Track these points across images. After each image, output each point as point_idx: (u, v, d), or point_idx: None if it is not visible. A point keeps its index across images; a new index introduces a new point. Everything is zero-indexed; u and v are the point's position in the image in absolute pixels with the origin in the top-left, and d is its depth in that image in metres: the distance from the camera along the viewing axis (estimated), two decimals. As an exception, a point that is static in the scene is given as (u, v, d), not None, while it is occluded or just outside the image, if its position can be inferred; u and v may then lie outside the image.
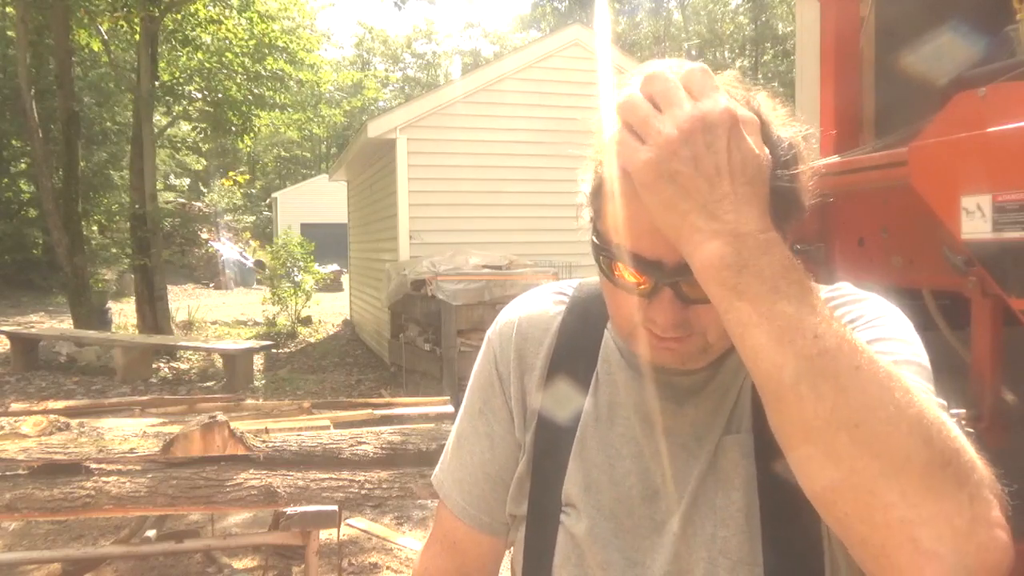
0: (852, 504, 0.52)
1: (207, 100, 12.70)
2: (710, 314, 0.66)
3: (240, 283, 23.19)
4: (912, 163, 1.41)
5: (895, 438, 0.51)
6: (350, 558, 3.71)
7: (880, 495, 0.50)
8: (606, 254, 0.68)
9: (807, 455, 0.54)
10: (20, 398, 6.94)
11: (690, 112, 0.57)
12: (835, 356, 0.53)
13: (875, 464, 0.50)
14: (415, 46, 49.31)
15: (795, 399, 0.53)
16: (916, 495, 0.50)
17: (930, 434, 0.51)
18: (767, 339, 0.54)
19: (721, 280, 0.56)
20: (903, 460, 0.50)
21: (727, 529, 0.73)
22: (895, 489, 0.50)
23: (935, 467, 0.50)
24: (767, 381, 0.55)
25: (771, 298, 0.55)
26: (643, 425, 0.79)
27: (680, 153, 0.57)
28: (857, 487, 0.51)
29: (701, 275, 0.58)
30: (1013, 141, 1.20)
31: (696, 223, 0.57)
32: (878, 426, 0.51)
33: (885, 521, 0.50)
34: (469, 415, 0.91)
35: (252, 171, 37.80)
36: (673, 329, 0.67)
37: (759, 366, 0.55)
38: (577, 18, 28.57)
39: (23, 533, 4.04)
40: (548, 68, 8.87)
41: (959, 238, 1.29)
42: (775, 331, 0.54)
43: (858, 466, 0.51)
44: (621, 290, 0.69)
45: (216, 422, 2.58)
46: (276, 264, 13.13)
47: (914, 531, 0.49)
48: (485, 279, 6.87)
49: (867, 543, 0.52)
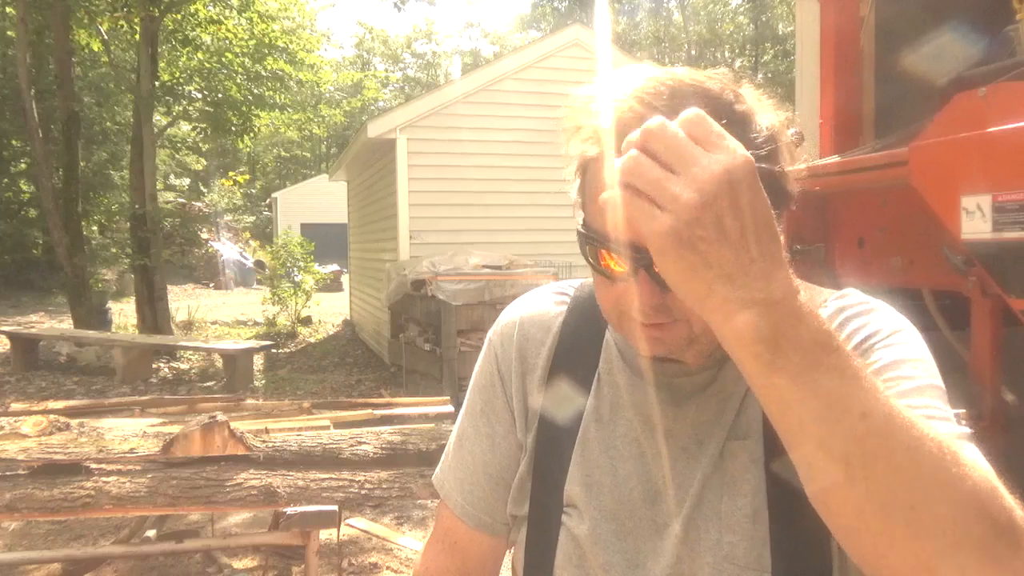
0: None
1: (207, 100, 12.69)
2: None
3: (240, 283, 23.18)
4: (912, 163, 1.41)
5: (952, 515, 0.49)
6: (350, 558, 3.71)
7: (939, 572, 0.49)
8: (592, 243, 0.68)
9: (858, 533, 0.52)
10: (20, 398, 6.94)
11: (711, 170, 0.51)
12: (887, 437, 0.50)
13: (932, 544, 0.49)
14: (415, 46, 49.32)
15: (845, 480, 0.50)
16: (974, 569, 0.49)
17: (985, 505, 0.50)
18: (810, 418, 0.51)
19: (756, 354, 0.51)
20: (961, 537, 0.49)
21: (734, 535, 0.73)
22: (953, 566, 0.49)
23: (991, 539, 0.50)
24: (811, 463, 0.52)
25: (812, 374, 0.51)
26: (644, 426, 0.79)
27: (703, 219, 0.51)
28: (916, 567, 0.50)
29: (733, 349, 0.53)
30: (1013, 141, 1.20)
31: (723, 293, 0.52)
32: (934, 506, 0.49)
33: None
34: (470, 415, 0.91)
35: (252, 171, 37.79)
36: (653, 313, 0.66)
37: (803, 448, 0.52)
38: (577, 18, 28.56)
39: (23, 533, 4.03)
40: (548, 68, 8.87)
41: (959, 238, 1.29)
42: (819, 409, 0.50)
43: (915, 547, 0.50)
44: (605, 278, 0.69)
45: (216, 422, 2.58)
46: (276, 264, 13.13)
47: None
48: (485, 279, 6.87)
49: None
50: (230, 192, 31.48)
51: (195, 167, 27.33)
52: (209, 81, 12.37)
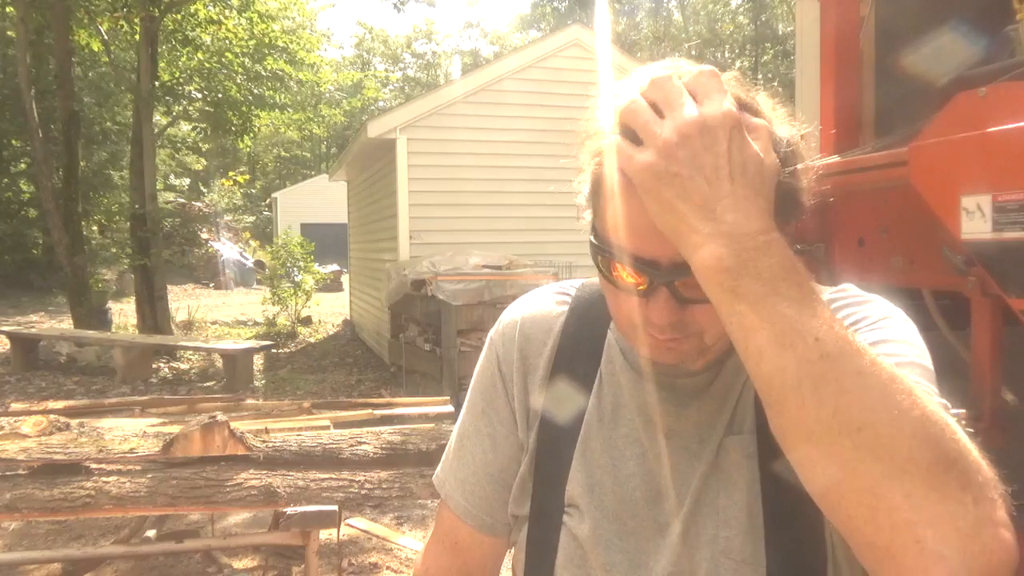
0: (856, 507, 0.52)
1: (207, 100, 12.70)
2: (707, 315, 0.66)
3: (240, 283, 23.18)
4: (912, 163, 1.41)
5: (899, 441, 0.51)
6: (350, 558, 3.71)
7: (884, 498, 0.50)
8: (604, 254, 0.69)
9: (809, 458, 0.54)
10: (20, 398, 6.94)
11: (687, 115, 0.58)
12: (837, 360, 0.53)
13: (878, 467, 0.51)
14: (415, 46, 49.32)
15: (797, 403, 0.53)
16: (920, 497, 0.50)
17: (934, 436, 0.51)
18: (768, 343, 0.54)
19: (719, 282, 0.56)
20: (907, 462, 0.50)
21: (730, 529, 0.73)
22: (899, 491, 0.50)
23: (939, 469, 0.50)
24: (768, 385, 0.55)
25: (771, 301, 0.55)
26: (646, 426, 0.79)
27: (677, 155, 0.57)
28: (861, 490, 0.51)
29: (700, 277, 0.58)
30: (1013, 141, 1.20)
31: (695, 225, 0.57)
32: (881, 429, 0.51)
33: (890, 523, 0.50)
34: (471, 415, 0.91)
35: (252, 171, 37.81)
36: (670, 329, 0.67)
37: (760, 370, 0.55)
38: (577, 18, 28.57)
39: (23, 533, 4.03)
40: (548, 68, 8.87)
41: (959, 238, 1.28)
42: (776, 335, 0.54)
43: (861, 469, 0.51)
44: (620, 290, 0.70)
45: (216, 422, 2.58)
46: (276, 264, 13.13)
47: (919, 533, 0.49)
48: (485, 279, 6.87)
49: (873, 545, 0.52)
50: (230, 192, 31.48)
51: (195, 167, 27.34)
52: (209, 81, 12.38)
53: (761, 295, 0.55)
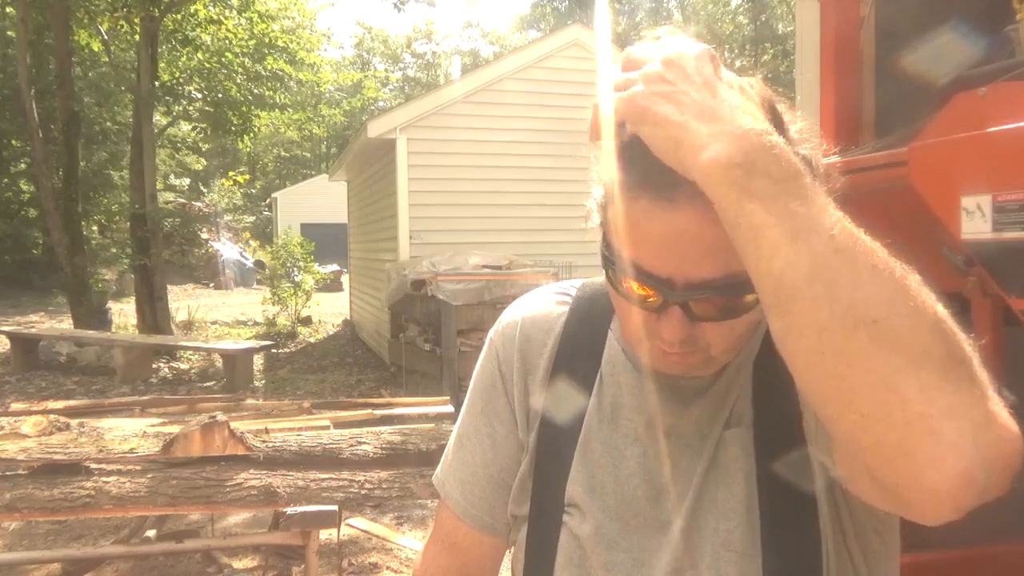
0: (869, 402, 0.50)
1: (207, 100, 12.70)
2: (717, 331, 0.67)
3: (240, 283, 23.18)
4: (912, 163, 1.40)
5: (915, 334, 0.50)
6: (350, 558, 3.71)
7: (899, 391, 0.49)
8: (615, 267, 0.68)
9: (820, 356, 0.52)
10: (20, 398, 6.94)
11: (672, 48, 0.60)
12: (852, 254, 0.52)
13: (894, 359, 0.50)
14: (415, 46, 49.31)
15: (810, 297, 0.52)
16: (935, 390, 0.49)
17: (948, 332, 0.51)
18: (781, 238, 0.53)
19: (731, 180, 0.54)
20: (921, 354, 0.50)
21: (729, 522, 0.74)
22: (914, 384, 0.49)
23: (953, 363, 0.50)
24: (778, 282, 0.53)
25: (782, 199, 0.53)
26: (647, 426, 0.79)
27: (666, 75, 0.58)
28: (875, 385, 0.50)
29: (708, 179, 0.55)
30: (1013, 141, 1.20)
31: (696, 128, 0.56)
32: (897, 322, 0.50)
33: (904, 417, 0.49)
34: (471, 415, 0.91)
35: (252, 171, 37.81)
36: (680, 345, 0.67)
37: (771, 267, 0.53)
38: (577, 18, 28.57)
39: (23, 533, 4.04)
40: (548, 68, 8.87)
41: (959, 238, 1.28)
42: (789, 231, 0.53)
43: (876, 362, 0.50)
44: (630, 303, 0.69)
45: (216, 422, 2.58)
46: (276, 264, 13.14)
47: (934, 424, 0.49)
48: (485, 279, 6.87)
49: (884, 444, 0.51)
50: (230, 192, 31.50)
51: (195, 167, 27.34)
52: (209, 81, 12.39)
53: (772, 193, 0.54)
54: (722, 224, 0.57)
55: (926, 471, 0.49)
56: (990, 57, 1.60)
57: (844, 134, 1.95)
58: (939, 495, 0.49)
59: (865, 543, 0.74)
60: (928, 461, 0.49)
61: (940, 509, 0.51)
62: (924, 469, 0.49)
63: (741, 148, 0.54)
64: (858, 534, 0.73)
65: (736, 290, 0.63)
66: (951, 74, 1.60)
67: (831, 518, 0.72)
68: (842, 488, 0.71)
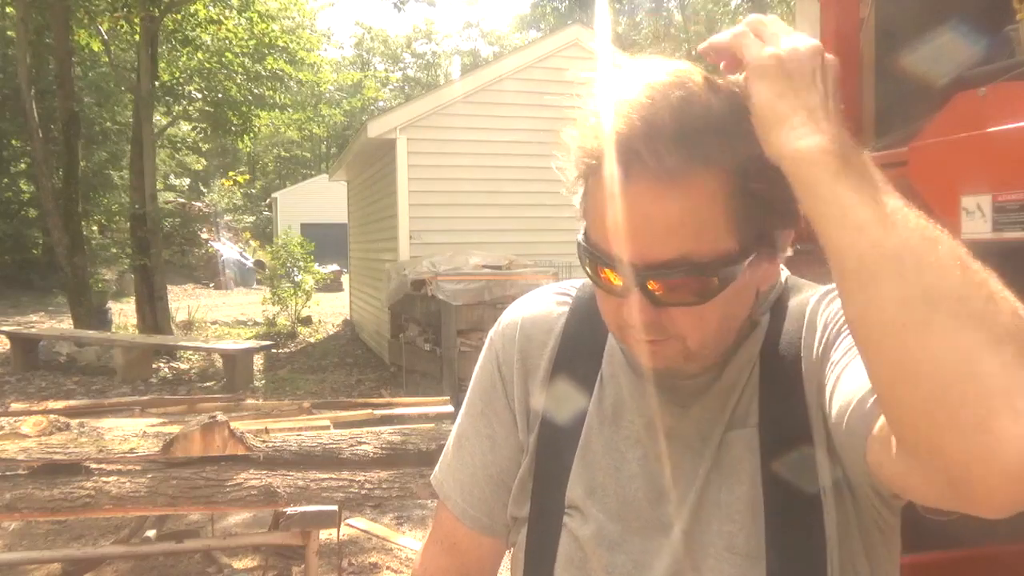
0: (951, 376, 0.50)
1: (207, 100, 12.70)
2: (686, 319, 0.67)
3: (240, 283, 23.17)
4: (912, 163, 1.40)
5: (995, 314, 0.51)
6: (350, 558, 3.71)
7: (981, 364, 0.50)
8: (590, 257, 0.70)
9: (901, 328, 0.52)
10: (20, 398, 6.94)
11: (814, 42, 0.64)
12: (937, 241, 0.54)
13: (976, 335, 0.50)
14: (415, 46, 49.29)
15: (896, 271, 0.53)
16: (1016, 367, 0.50)
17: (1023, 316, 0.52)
18: (871, 218, 0.55)
19: (825, 164, 0.58)
20: (1004, 334, 0.51)
21: (733, 524, 0.73)
22: (996, 360, 0.50)
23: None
24: (864, 257, 0.55)
25: (870, 189, 0.57)
26: (648, 427, 0.79)
27: (804, 59, 0.62)
28: (957, 359, 0.50)
29: (802, 163, 0.59)
30: (1013, 141, 1.20)
31: (802, 119, 0.60)
32: (979, 303, 0.52)
33: (986, 392, 0.49)
34: (470, 416, 0.91)
35: (252, 171, 37.80)
36: (647, 331, 0.68)
37: (859, 243, 0.55)
38: (577, 18, 28.55)
39: (23, 533, 4.04)
40: (548, 68, 8.86)
41: (959, 238, 1.28)
42: (880, 213, 0.55)
43: (959, 336, 0.51)
44: (605, 292, 0.71)
45: (216, 422, 2.58)
46: (276, 264, 13.13)
47: (1015, 400, 0.49)
48: (485, 279, 6.87)
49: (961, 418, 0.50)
50: (230, 192, 31.50)
51: (195, 167, 27.34)
52: (209, 81, 12.39)
53: (861, 182, 0.57)
54: (724, 206, 0.62)
55: (1005, 446, 0.49)
56: (990, 57, 1.60)
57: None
58: (1014, 473, 0.49)
59: (869, 544, 0.73)
60: (1008, 436, 0.48)
61: (1012, 491, 0.50)
62: (1003, 444, 0.49)
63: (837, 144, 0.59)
64: (862, 535, 0.73)
65: (694, 271, 0.64)
66: (951, 74, 1.60)
67: (836, 519, 0.71)
68: (851, 488, 0.71)
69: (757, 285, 0.73)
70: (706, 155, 0.62)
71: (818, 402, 0.72)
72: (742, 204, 0.64)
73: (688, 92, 0.63)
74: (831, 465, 0.71)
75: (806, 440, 0.72)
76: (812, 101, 0.61)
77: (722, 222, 0.64)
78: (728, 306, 0.68)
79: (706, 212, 0.63)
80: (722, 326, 0.71)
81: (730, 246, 0.65)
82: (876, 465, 0.62)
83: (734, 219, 0.64)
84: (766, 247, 0.68)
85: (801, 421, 0.73)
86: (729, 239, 0.64)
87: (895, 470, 0.59)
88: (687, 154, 0.61)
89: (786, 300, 0.80)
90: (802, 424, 0.73)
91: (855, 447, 0.64)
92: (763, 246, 0.67)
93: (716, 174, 0.63)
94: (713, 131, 0.62)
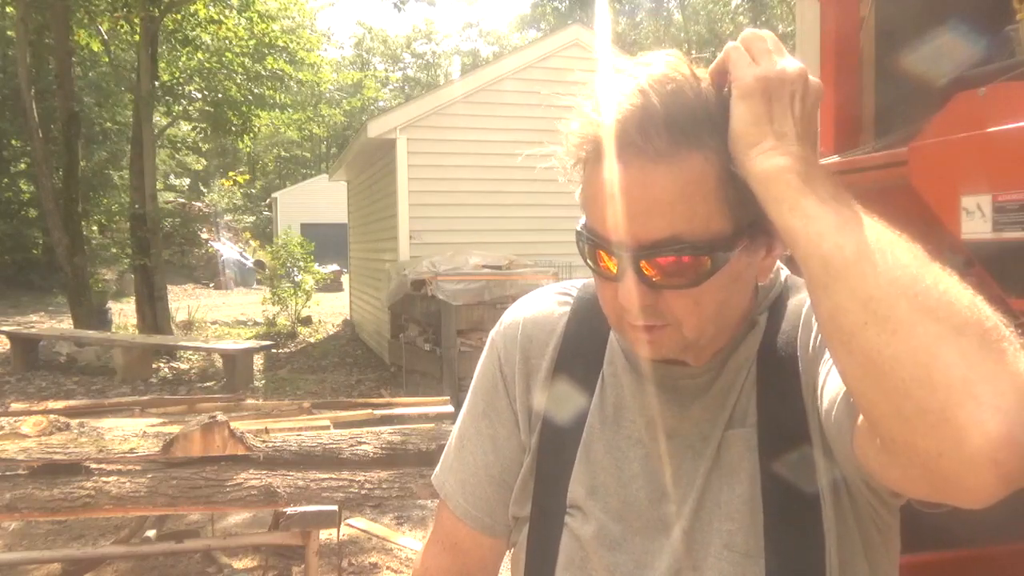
0: (911, 368, 0.52)
1: (207, 100, 12.69)
2: (681, 304, 0.68)
3: (240, 283, 23.17)
4: (912, 163, 1.40)
5: (953, 306, 0.53)
6: (350, 558, 3.71)
7: (940, 356, 0.51)
8: (588, 243, 0.71)
9: (864, 327, 0.55)
10: (20, 398, 6.94)
11: (799, 64, 0.66)
12: (894, 246, 0.57)
13: (935, 327, 0.52)
14: (415, 46, 49.29)
15: (857, 272, 0.56)
16: (976, 356, 0.51)
17: (983, 310, 0.54)
18: (830, 226, 0.58)
19: (788, 181, 0.61)
20: (962, 324, 0.52)
21: (732, 522, 0.74)
22: (954, 350, 0.51)
23: (990, 335, 0.53)
24: (827, 262, 0.58)
25: (832, 204, 0.60)
26: (649, 427, 0.79)
27: (785, 84, 0.64)
28: (917, 350, 0.52)
29: (770, 179, 0.62)
30: (1013, 141, 1.20)
31: (772, 143, 0.63)
32: (937, 295, 0.54)
33: (946, 382, 0.51)
34: (472, 416, 0.91)
35: (252, 171, 37.77)
36: (641, 315, 0.68)
37: (821, 248, 0.58)
38: (577, 18, 28.55)
39: (23, 533, 4.04)
40: (548, 68, 8.87)
41: (959, 238, 1.28)
42: (839, 221, 0.59)
43: (919, 330, 0.53)
44: (603, 278, 0.71)
45: (216, 422, 2.58)
46: (276, 264, 13.13)
47: (975, 388, 0.50)
48: (485, 279, 6.87)
49: (925, 411, 0.51)
50: (230, 192, 31.50)
51: (195, 167, 27.35)
52: (209, 81, 12.38)
53: (824, 197, 0.60)
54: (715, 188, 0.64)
55: (969, 434, 0.49)
56: (990, 57, 1.60)
57: (844, 134, 1.95)
58: (981, 461, 0.49)
59: (868, 543, 0.74)
60: (970, 424, 0.49)
61: (984, 479, 0.50)
62: (967, 432, 0.50)
63: (802, 164, 0.62)
64: (861, 534, 0.73)
65: (686, 250, 0.65)
66: (951, 74, 1.60)
67: (835, 518, 0.72)
68: (848, 487, 0.71)
69: (755, 278, 0.73)
70: (696, 138, 0.64)
71: (813, 401, 0.72)
72: (734, 189, 0.65)
73: (680, 82, 0.65)
74: (828, 465, 0.71)
75: (804, 439, 0.73)
76: (785, 127, 0.63)
77: (714, 204, 0.65)
78: (724, 292, 0.69)
79: (697, 192, 0.64)
80: (719, 314, 0.71)
81: (723, 228, 0.65)
82: (864, 458, 0.62)
83: (726, 202, 0.65)
84: (761, 235, 0.68)
85: (798, 420, 0.73)
86: (722, 221, 0.65)
87: (879, 461, 0.60)
88: (677, 136, 0.63)
89: (785, 299, 0.80)
90: (799, 423, 0.73)
91: (843, 440, 0.65)
92: (758, 233, 0.68)
93: (707, 155, 0.64)
94: (703, 117, 0.64)
